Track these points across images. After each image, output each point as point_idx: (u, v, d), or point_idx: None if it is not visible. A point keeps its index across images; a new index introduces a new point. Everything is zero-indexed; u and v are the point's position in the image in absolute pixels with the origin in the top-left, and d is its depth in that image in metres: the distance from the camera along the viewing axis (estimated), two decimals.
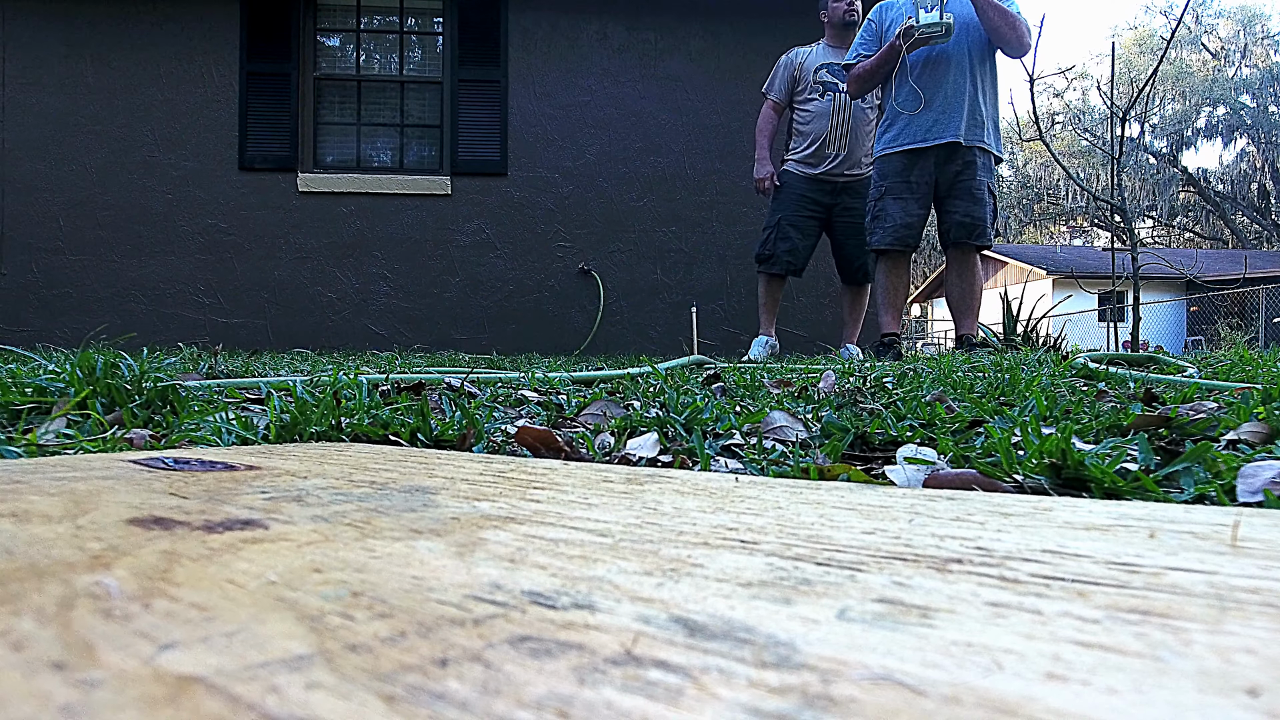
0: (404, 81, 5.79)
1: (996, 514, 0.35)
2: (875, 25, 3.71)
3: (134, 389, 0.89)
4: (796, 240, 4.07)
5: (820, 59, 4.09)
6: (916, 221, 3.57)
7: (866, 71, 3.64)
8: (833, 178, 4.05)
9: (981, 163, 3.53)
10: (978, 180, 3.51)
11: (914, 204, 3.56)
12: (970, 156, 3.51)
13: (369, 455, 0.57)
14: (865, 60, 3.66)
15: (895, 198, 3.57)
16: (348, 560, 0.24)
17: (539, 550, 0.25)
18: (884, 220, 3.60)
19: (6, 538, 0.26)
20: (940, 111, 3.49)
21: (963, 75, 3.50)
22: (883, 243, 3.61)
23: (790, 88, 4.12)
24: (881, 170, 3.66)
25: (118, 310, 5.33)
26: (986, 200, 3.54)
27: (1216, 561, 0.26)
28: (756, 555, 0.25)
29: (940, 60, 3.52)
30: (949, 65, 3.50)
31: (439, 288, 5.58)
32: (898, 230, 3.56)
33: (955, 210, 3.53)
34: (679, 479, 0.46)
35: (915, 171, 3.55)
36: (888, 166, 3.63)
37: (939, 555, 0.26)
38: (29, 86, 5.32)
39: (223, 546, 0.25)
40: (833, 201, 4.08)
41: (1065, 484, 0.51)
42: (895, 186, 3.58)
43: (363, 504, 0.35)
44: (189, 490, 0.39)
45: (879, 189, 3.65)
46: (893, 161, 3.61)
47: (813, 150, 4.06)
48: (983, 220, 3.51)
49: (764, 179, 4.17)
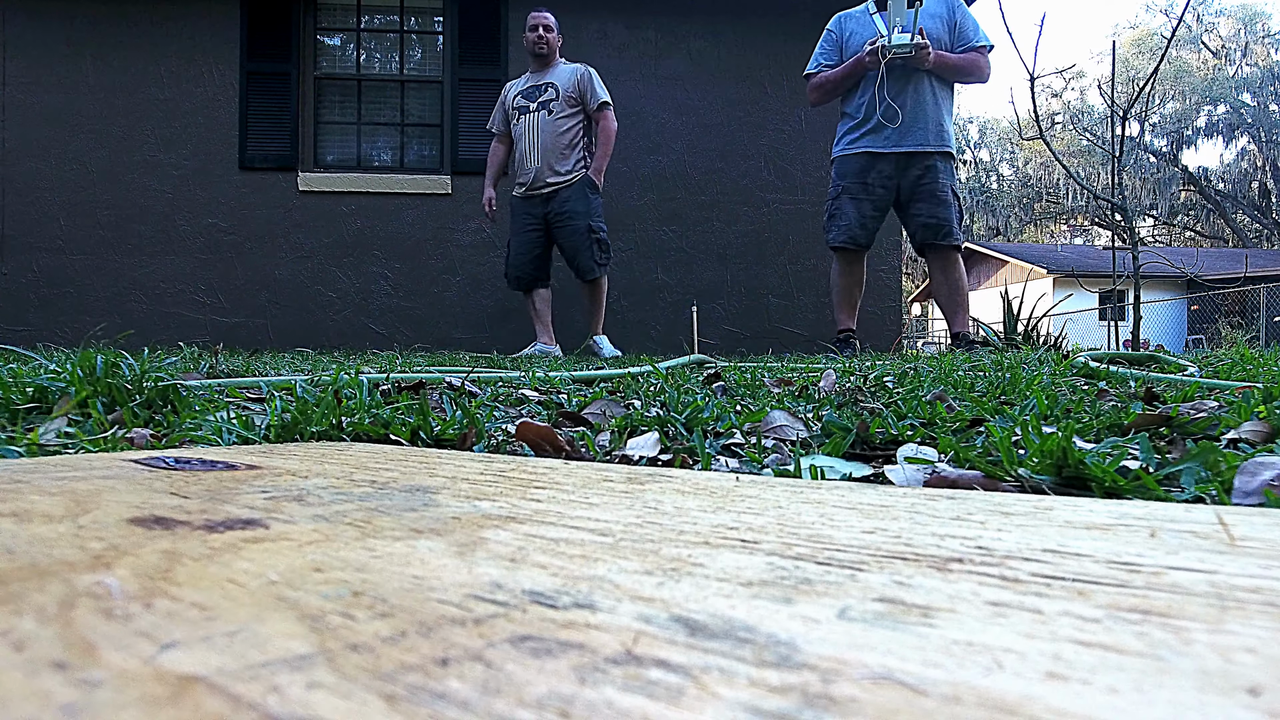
0: (404, 81, 5.79)
1: (997, 513, 0.35)
2: (835, 35, 3.84)
3: (135, 388, 0.89)
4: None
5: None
6: (870, 222, 3.68)
7: (831, 82, 3.75)
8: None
9: (942, 166, 3.64)
10: (940, 183, 3.62)
11: (869, 205, 3.67)
12: (931, 161, 3.62)
13: (370, 455, 0.57)
14: (828, 71, 3.77)
15: (851, 198, 3.68)
16: (348, 560, 0.24)
17: (540, 549, 0.25)
18: (839, 219, 3.70)
19: (8, 537, 0.26)
20: (903, 119, 3.62)
21: (924, 83, 3.64)
22: (837, 241, 3.70)
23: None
24: (840, 170, 3.75)
25: (118, 310, 5.33)
26: (951, 201, 3.64)
27: (1217, 561, 0.26)
28: (757, 555, 0.25)
29: (903, 71, 3.64)
30: (910, 76, 3.64)
31: (439, 287, 5.58)
32: (851, 230, 3.66)
33: (920, 214, 3.63)
34: (679, 478, 0.46)
35: (873, 174, 3.66)
36: (846, 167, 3.72)
37: (939, 554, 0.26)
38: (30, 86, 5.32)
39: (224, 546, 0.25)
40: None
41: (1066, 483, 0.51)
42: (852, 187, 3.68)
43: (363, 503, 0.35)
44: (190, 490, 0.39)
45: (836, 188, 3.74)
46: (851, 162, 3.70)
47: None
48: (949, 220, 3.61)
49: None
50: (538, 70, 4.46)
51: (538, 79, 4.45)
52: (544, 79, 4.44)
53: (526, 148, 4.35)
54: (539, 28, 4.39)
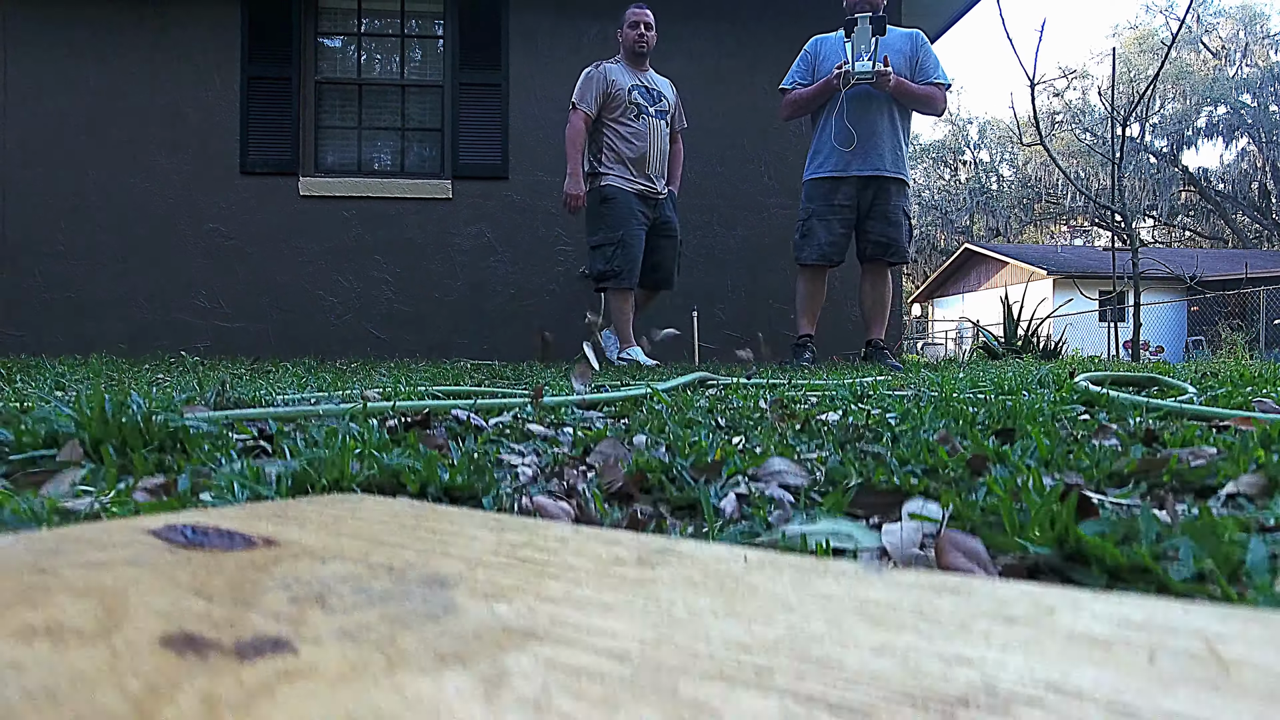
0: (405, 85, 5.80)
1: (1000, 619, 0.36)
2: (810, 56, 4.17)
3: (145, 426, 0.90)
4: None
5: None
6: (840, 240, 4.05)
7: (802, 100, 4.11)
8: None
9: (896, 190, 4.02)
10: (892, 205, 4.01)
11: (837, 225, 4.03)
12: (885, 185, 3.99)
13: (382, 521, 0.58)
14: (800, 89, 4.12)
15: (820, 219, 4.04)
16: (380, 708, 0.25)
17: (562, 687, 0.26)
18: (811, 239, 4.07)
19: (47, 673, 0.27)
20: (863, 144, 3.96)
21: (883, 113, 3.98)
22: (809, 259, 4.08)
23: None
24: (809, 193, 4.12)
25: (119, 315, 5.34)
26: (902, 222, 4.05)
27: (1211, 703, 0.27)
28: (771, 695, 0.27)
29: (866, 98, 3.96)
30: (871, 103, 3.96)
31: (441, 292, 5.59)
32: (823, 248, 4.03)
33: (873, 231, 4.03)
34: (689, 558, 0.47)
35: (839, 195, 4.01)
36: (815, 190, 4.09)
37: (947, 693, 0.27)
38: (31, 90, 5.32)
39: (258, 686, 0.26)
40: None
41: (1068, 558, 0.53)
42: (820, 209, 4.04)
43: (384, 609, 0.36)
44: (213, 585, 0.40)
45: (806, 210, 4.11)
46: (818, 185, 4.07)
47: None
48: (897, 241, 4.02)
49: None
50: (636, 68, 4.34)
51: (645, 79, 4.36)
52: (651, 82, 4.39)
53: (649, 150, 4.28)
54: (641, 24, 4.30)
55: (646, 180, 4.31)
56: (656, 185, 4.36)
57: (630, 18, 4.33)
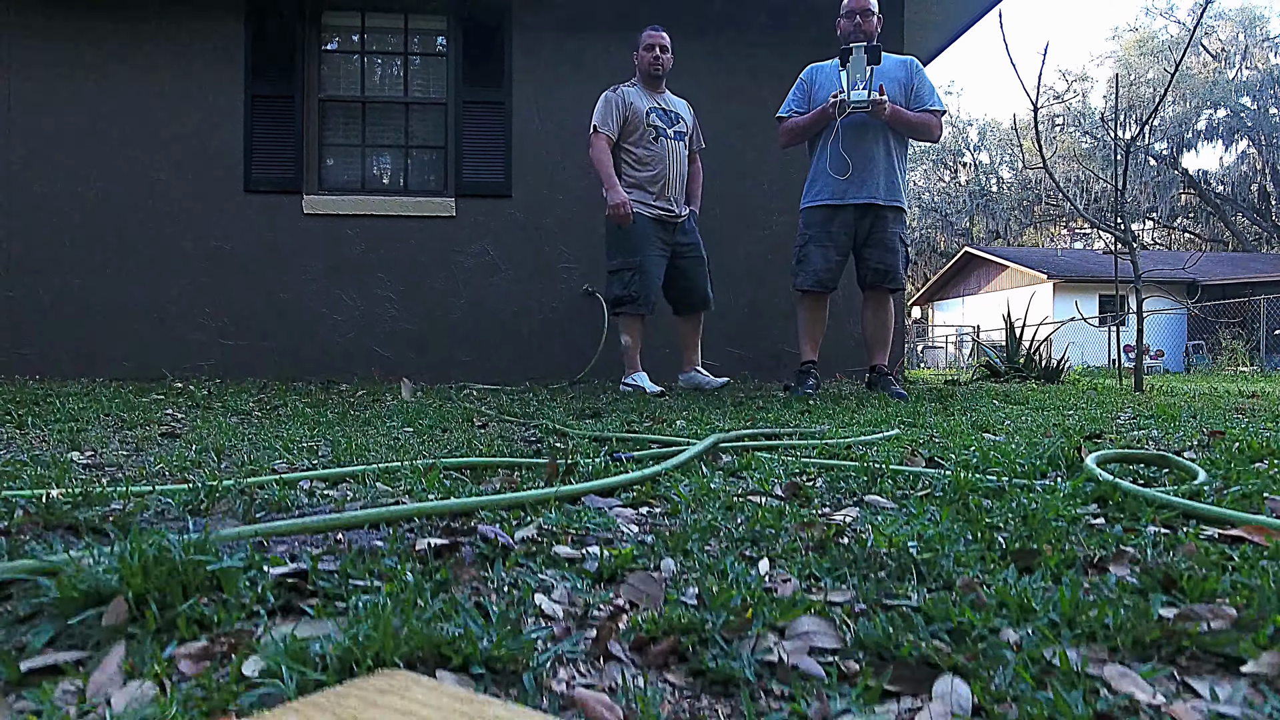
0: (408, 103, 5.79)
1: None
2: (806, 85, 4.20)
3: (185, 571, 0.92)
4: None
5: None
6: (835, 266, 4.10)
7: (799, 128, 4.16)
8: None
9: (893, 217, 4.06)
10: (890, 233, 4.04)
11: (833, 251, 4.08)
12: (884, 213, 4.03)
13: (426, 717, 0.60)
14: (797, 117, 4.16)
15: (818, 245, 4.08)
16: None
17: None
18: (807, 265, 4.11)
19: None
20: (859, 173, 3.98)
21: (879, 141, 4.01)
22: (805, 284, 4.12)
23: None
24: (806, 220, 4.16)
25: (122, 333, 5.34)
26: (898, 249, 4.08)
27: None
28: None
29: (862, 127, 3.99)
30: (867, 132, 4.00)
31: (444, 309, 5.60)
32: (819, 274, 4.07)
33: (871, 259, 4.08)
34: None
35: (835, 223, 4.06)
36: (811, 217, 4.13)
37: None
38: (35, 108, 5.31)
39: None
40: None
41: None
42: (818, 235, 4.08)
43: None
44: None
45: (803, 237, 4.15)
46: (815, 213, 4.11)
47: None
48: (895, 268, 4.07)
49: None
50: (652, 91, 4.36)
51: (662, 101, 4.37)
52: (668, 105, 4.39)
53: (667, 172, 4.29)
54: (656, 47, 4.31)
55: (666, 203, 4.31)
56: (676, 208, 4.37)
57: (646, 40, 4.33)
